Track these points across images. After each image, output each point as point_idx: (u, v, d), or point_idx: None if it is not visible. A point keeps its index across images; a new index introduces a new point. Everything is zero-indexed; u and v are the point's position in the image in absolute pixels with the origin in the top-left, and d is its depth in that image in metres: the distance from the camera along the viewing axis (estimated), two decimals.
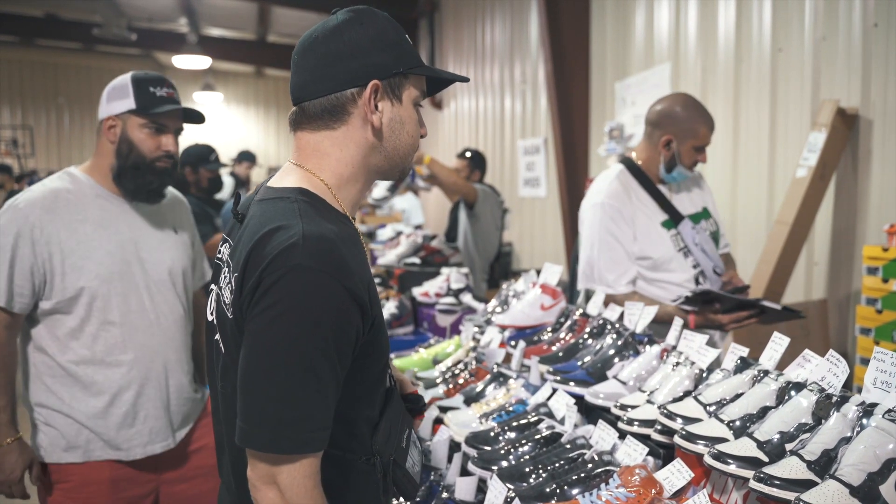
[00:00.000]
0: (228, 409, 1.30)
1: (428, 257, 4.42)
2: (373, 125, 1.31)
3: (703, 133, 2.65)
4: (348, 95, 1.29)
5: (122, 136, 2.18)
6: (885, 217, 3.34)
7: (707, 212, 2.84)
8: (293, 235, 1.17)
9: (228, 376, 1.28)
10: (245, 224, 1.30)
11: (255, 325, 1.17)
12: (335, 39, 1.29)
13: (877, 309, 3.06)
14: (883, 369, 1.39)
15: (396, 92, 1.32)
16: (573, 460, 1.74)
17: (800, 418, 1.44)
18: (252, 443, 1.17)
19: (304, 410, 1.16)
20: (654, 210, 2.70)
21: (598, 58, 6.02)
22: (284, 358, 1.15)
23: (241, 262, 1.20)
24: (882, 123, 3.39)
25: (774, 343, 1.72)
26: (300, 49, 1.33)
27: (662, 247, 2.67)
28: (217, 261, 1.42)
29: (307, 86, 1.31)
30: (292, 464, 1.17)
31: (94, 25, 11.46)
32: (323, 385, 1.17)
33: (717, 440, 1.51)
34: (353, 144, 1.32)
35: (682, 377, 1.82)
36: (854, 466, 1.24)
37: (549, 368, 2.16)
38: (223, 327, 1.28)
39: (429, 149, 10.82)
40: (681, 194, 2.80)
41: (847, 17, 3.53)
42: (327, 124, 1.31)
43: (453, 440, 2.06)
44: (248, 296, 1.18)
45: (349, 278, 1.18)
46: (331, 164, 1.32)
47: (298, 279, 1.14)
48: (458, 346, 2.85)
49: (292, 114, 1.36)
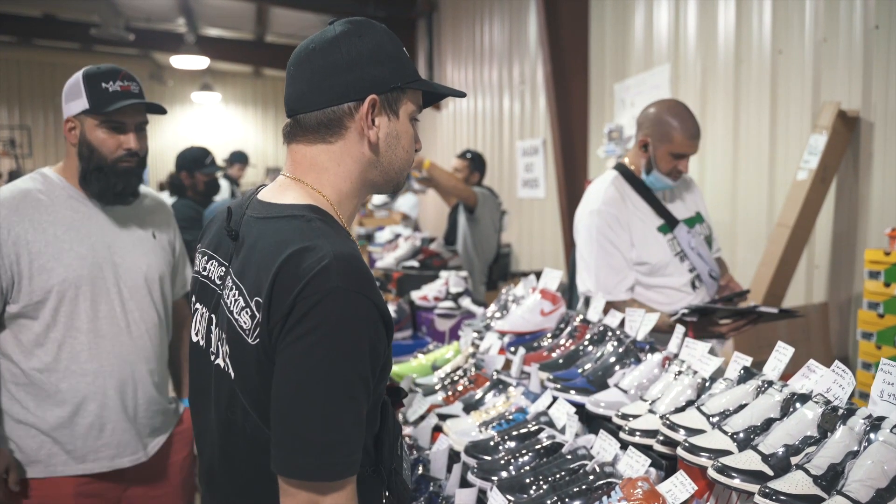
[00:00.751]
0: (234, 435, 1.26)
1: (426, 260, 4.39)
2: (369, 140, 1.29)
3: (679, 140, 2.58)
4: (345, 109, 1.27)
5: (82, 138, 2.09)
6: (887, 220, 3.31)
7: (700, 216, 2.83)
8: (324, 257, 1.14)
9: (237, 402, 1.23)
10: (251, 244, 1.25)
11: (292, 352, 1.13)
12: (332, 51, 1.26)
13: (878, 313, 3.04)
14: (890, 381, 1.37)
15: (393, 106, 1.30)
16: (574, 472, 1.72)
17: (805, 431, 1.42)
18: (296, 472, 1.13)
19: (346, 434, 1.14)
20: (649, 215, 2.69)
21: (598, 59, 6.00)
22: (327, 384, 1.12)
23: (267, 286, 1.16)
24: (883, 126, 3.37)
25: (778, 353, 1.69)
26: (296, 60, 1.30)
27: (659, 252, 2.67)
28: (203, 279, 1.37)
29: (303, 98, 1.28)
30: (337, 491, 1.14)
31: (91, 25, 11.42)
32: (360, 407, 1.16)
33: (720, 452, 1.48)
34: (350, 159, 1.30)
35: (685, 386, 1.80)
36: (862, 482, 1.22)
37: (550, 376, 2.14)
38: (237, 353, 1.22)
39: (427, 149, 10.80)
40: (675, 199, 2.80)
41: (848, 18, 3.50)
42: (324, 138, 1.28)
43: (452, 449, 2.04)
44: (280, 321, 1.13)
45: (378, 296, 1.17)
46: (330, 179, 1.30)
47: (337, 302, 1.12)
48: (457, 351, 2.82)
49: (286, 126, 1.33)
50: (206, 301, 1.34)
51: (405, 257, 4.44)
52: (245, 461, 1.24)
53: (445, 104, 9.91)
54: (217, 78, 16.70)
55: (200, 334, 1.35)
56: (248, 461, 1.22)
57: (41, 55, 15.52)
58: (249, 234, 1.27)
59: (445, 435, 2.09)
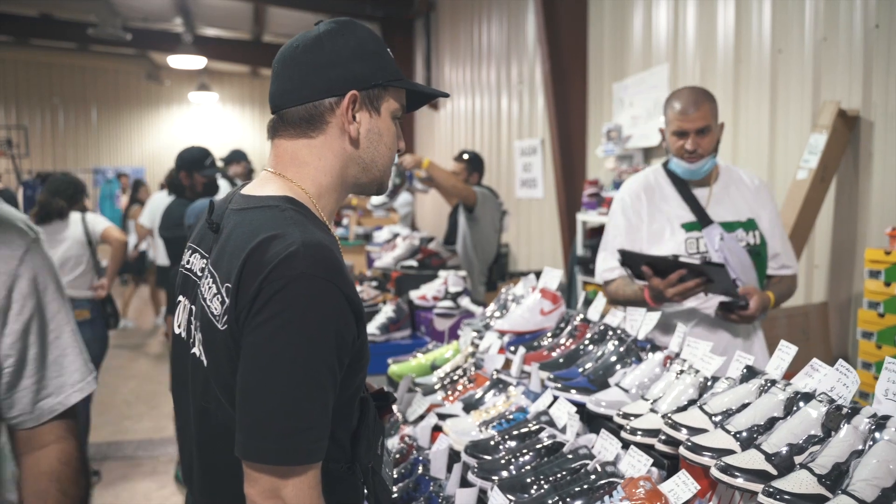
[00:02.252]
0: (208, 425, 1.27)
1: (425, 260, 4.38)
2: (350, 135, 1.32)
3: (673, 117, 2.53)
4: (326, 105, 1.30)
5: None
6: (887, 220, 3.31)
7: (752, 223, 2.60)
8: (292, 244, 1.16)
9: (211, 391, 1.24)
10: (227, 234, 1.27)
11: (256, 336, 1.15)
12: (316, 49, 1.30)
13: (879, 313, 3.04)
14: (895, 380, 1.36)
15: (375, 104, 1.33)
16: (576, 471, 1.70)
17: (809, 430, 1.40)
18: (257, 456, 1.14)
19: (309, 420, 1.15)
20: (679, 210, 2.60)
21: (596, 58, 5.99)
22: (290, 368, 1.13)
23: (235, 272, 1.17)
24: (883, 125, 3.36)
25: (781, 351, 1.68)
26: (280, 58, 1.34)
27: (672, 247, 2.56)
28: (186, 271, 1.39)
29: (286, 94, 1.32)
30: (299, 476, 1.15)
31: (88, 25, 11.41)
32: (325, 394, 1.17)
33: (723, 452, 1.47)
34: (330, 154, 1.32)
35: (687, 385, 1.79)
36: (867, 482, 1.21)
37: (550, 375, 2.13)
38: (209, 340, 1.24)
39: (425, 149, 10.79)
40: (724, 201, 2.62)
41: (848, 17, 3.50)
42: (305, 133, 1.32)
43: (452, 449, 2.03)
44: (247, 306, 1.15)
45: (348, 285, 1.19)
46: (310, 173, 1.32)
47: (302, 288, 1.14)
48: (456, 351, 2.81)
49: (271, 121, 1.37)
50: (189, 293, 1.36)
51: (403, 257, 4.42)
52: (220, 452, 1.24)
53: (443, 104, 9.91)
54: (214, 78, 16.69)
55: (182, 326, 1.37)
56: (222, 452, 1.22)
57: (38, 55, 15.51)
58: (227, 225, 1.29)
59: (445, 435, 2.08)
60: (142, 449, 5.34)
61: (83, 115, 16.93)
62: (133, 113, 17.34)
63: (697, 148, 2.52)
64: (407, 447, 2.15)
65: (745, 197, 2.64)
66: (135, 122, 17.37)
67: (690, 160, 2.55)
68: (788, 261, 2.68)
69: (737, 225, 2.58)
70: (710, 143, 2.54)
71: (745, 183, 2.68)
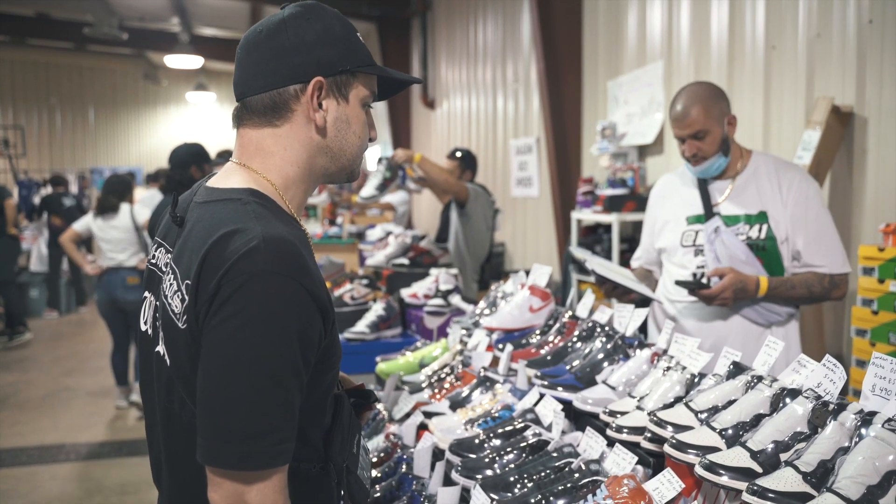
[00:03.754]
0: (173, 425, 1.23)
1: (417, 258, 4.34)
2: (316, 124, 1.27)
3: (671, 121, 2.57)
4: (291, 92, 1.25)
5: None
6: (881, 216, 3.28)
7: (762, 216, 2.50)
8: (252, 239, 1.11)
9: (175, 390, 1.20)
10: (189, 228, 1.23)
11: (215, 336, 1.10)
12: (279, 34, 1.25)
13: (873, 310, 3.00)
14: (882, 375, 1.33)
15: (343, 90, 1.28)
16: (559, 469, 1.68)
17: (795, 427, 1.38)
18: (218, 461, 1.10)
19: (272, 422, 1.10)
20: (691, 202, 2.62)
21: (591, 56, 5.97)
22: (250, 369, 1.08)
23: (195, 268, 1.13)
24: (877, 121, 3.34)
25: (768, 347, 1.65)
26: (244, 44, 1.29)
27: (671, 238, 2.65)
28: (151, 266, 1.35)
29: (249, 81, 1.27)
30: (263, 481, 1.10)
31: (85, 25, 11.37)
32: (290, 394, 1.12)
33: (708, 449, 1.44)
34: (297, 143, 1.28)
35: (673, 382, 1.76)
36: (852, 479, 1.18)
37: (537, 373, 2.10)
38: (170, 338, 1.20)
39: (422, 148, 10.76)
40: (742, 194, 2.55)
41: (841, 13, 3.47)
42: (270, 121, 1.27)
43: (437, 447, 2.00)
44: (206, 304, 1.11)
45: (312, 281, 1.14)
46: (276, 163, 1.28)
47: (262, 284, 1.09)
48: (445, 349, 2.78)
49: (235, 110, 1.32)
50: (154, 289, 1.31)
51: (395, 255, 4.39)
52: (185, 452, 1.19)
53: (440, 103, 9.88)
54: (212, 77, 16.64)
55: (148, 323, 1.32)
56: (188, 452, 1.17)
57: (34, 54, 15.47)
58: (191, 219, 1.25)
59: (431, 433, 2.05)
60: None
61: (80, 115, 16.89)
62: (130, 113, 17.30)
63: (697, 152, 2.51)
64: (392, 445, 2.12)
65: (764, 190, 2.54)
66: (132, 122, 17.33)
67: (693, 163, 2.55)
68: (819, 259, 2.48)
69: (740, 219, 2.52)
70: (713, 145, 2.50)
71: (773, 176, 2.55)
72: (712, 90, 2.55)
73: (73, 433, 5.53)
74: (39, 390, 6.69)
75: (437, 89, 10.00)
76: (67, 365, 7.61)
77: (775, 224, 2.50)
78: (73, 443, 5.33)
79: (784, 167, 2.59)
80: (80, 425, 5.72)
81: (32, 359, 7.91)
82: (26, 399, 6.42)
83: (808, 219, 2.50)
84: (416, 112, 11.07)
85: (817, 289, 2.49)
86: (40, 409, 6.13)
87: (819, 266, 2.49)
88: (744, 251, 2.48)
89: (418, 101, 10.59)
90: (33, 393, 6.61)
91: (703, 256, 2.54)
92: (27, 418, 5.89)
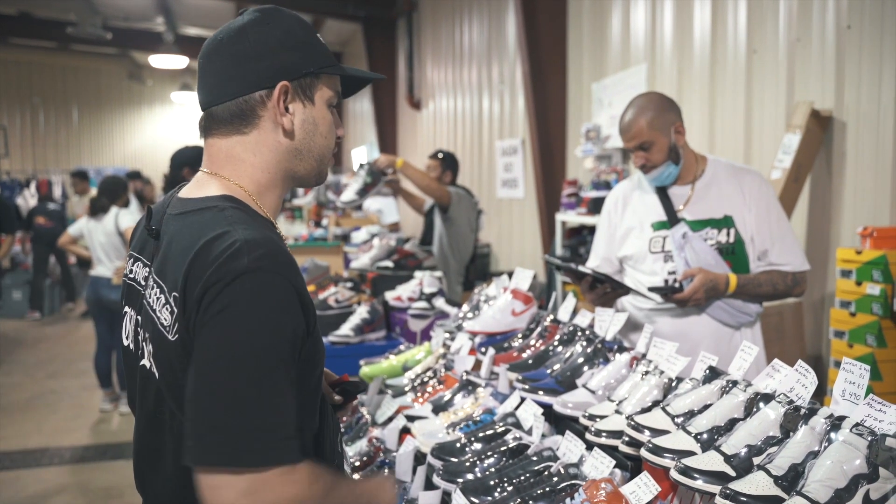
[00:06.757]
0: (160, 438, 1.23)
1: (401, 261, 4.36)
2: (284, 128, 1.27)
3: (619, 135, 2.62)
4: (257, 98, 1.25)
5: None
6: (859, 219, 3.33)
7: (728, 220, 2.54)
8: (234, 242, 1.12)
9: (164, 403, 1.20)
10: (168, 240, 1.22)
11: (204, 336, 1.09)
12: (240, 40, 1.25)
13: (850, 312, 3.05)
14: (851, 380, 1.36)
15: (308, 93, 1.28)
16: (538, 473, 1.69)
17: (768, 431, 1.40)
18: (215, 458, 1.06)
19: (266, 418, 1.08)
20: (653, 211, 2.62)
21: (575, 58, 6.00)
22: (241, 364, 1.07)
23: (181, 279, 1.13)
24: (856, 125, 3.38)
25: (743, 352, 1.68)
26: (205, 52, 1.29)
27: (638, 245, 2.63)
28: (130, 281, 1.34)
29: (214, 90, 1.27)
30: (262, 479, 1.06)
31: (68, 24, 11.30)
32: (284, 389, 1.10)
33: (684, 454, 1.46)
34: (266, 149, 1.28)
35: (651, 387, 1.78)
36: (821, 483, 1.20)
37: (518, 377, 2.12)
38: (159, 351, 1.19)
39: (407, 150, 10.77)
40: (703, 199, 2.58)
41: (821, 18, 3.51)
42: (238, 129, 1.27)
43: (419, 451, 2.01)
44: (194, 310, 1.11)
45: (296, 278, 1.15)
46: (247, 170, 1.28)
47: (249, 282, 1.09)
48: (428, 352, 2.79)
49: (201, 120, 1.31)
50: (133, 303, 1.31)
51: (380, 258, 4.40)
52: (174, 462, 1.18)
53: (425, 104, 9.89)
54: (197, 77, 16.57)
55: (130, 338, 1.32)
56: (177, 462, 1.16)
57: (17, 54, 15.34)
58: (168, 231, 1.25)
59: (413, 437, 2.06)
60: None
61: (64, 115, 16.78)
62: (115, 113, 17.20)
63: (645, 162, 2.56)
64: (374, 449, 2.13)
65: (725, 195, 2.58)
66: (116, 123, 17.23)
67: (644, 172, 2.60)
68: (783, 258, 2.55)
69: (706, 223, 2.55)
70: (660, 154, 2.53)
71: (732, 180, 2.60)
72: (659, 101, 2.58)
73: (57, 437, 5.49)
74: (23, 393, 6.64)
75: (423, 90, 10.01)
76: (51, 368, 7.56)
77: (742, 227, 2.55)
78: (57, 446, 5.29)
79: (741, 171, 2.65)
80: (64, 429, 5.69)
81: (15, 361, 7.86)
82: (9, 402, 6.37)
83: (770, 220, 2.56)
84: (402, 113, 11.07)
85: (781, 286, 2.57)
86: (24, 413, 6.09)
87: (783, 265, 2.57)
88: (713, 256, 2.51)
89: (404, 102, 10.59)
90: (16, 396, 6.56)
91: (673, 262, 2.57)
92: (10, 422, 5.85)
